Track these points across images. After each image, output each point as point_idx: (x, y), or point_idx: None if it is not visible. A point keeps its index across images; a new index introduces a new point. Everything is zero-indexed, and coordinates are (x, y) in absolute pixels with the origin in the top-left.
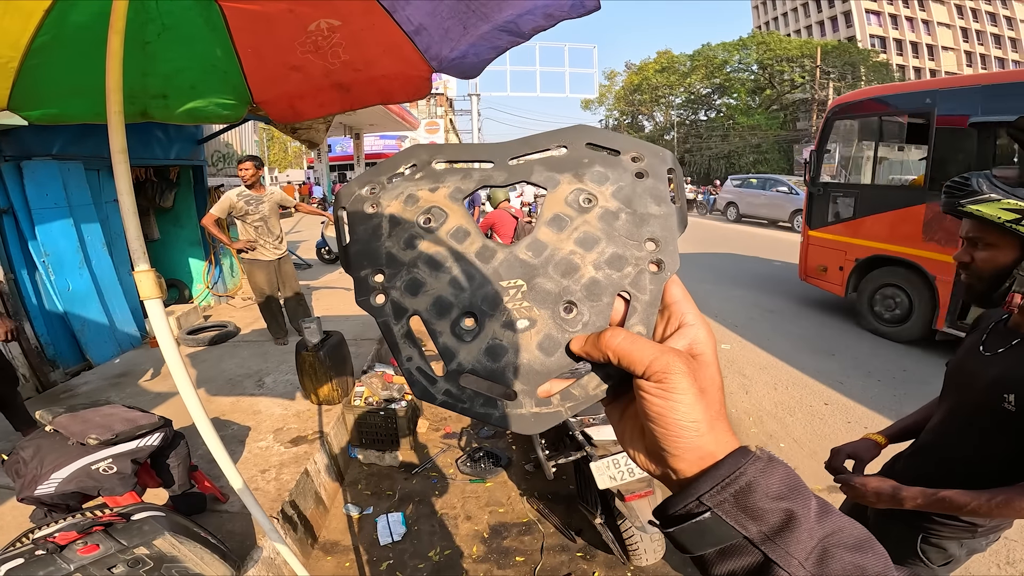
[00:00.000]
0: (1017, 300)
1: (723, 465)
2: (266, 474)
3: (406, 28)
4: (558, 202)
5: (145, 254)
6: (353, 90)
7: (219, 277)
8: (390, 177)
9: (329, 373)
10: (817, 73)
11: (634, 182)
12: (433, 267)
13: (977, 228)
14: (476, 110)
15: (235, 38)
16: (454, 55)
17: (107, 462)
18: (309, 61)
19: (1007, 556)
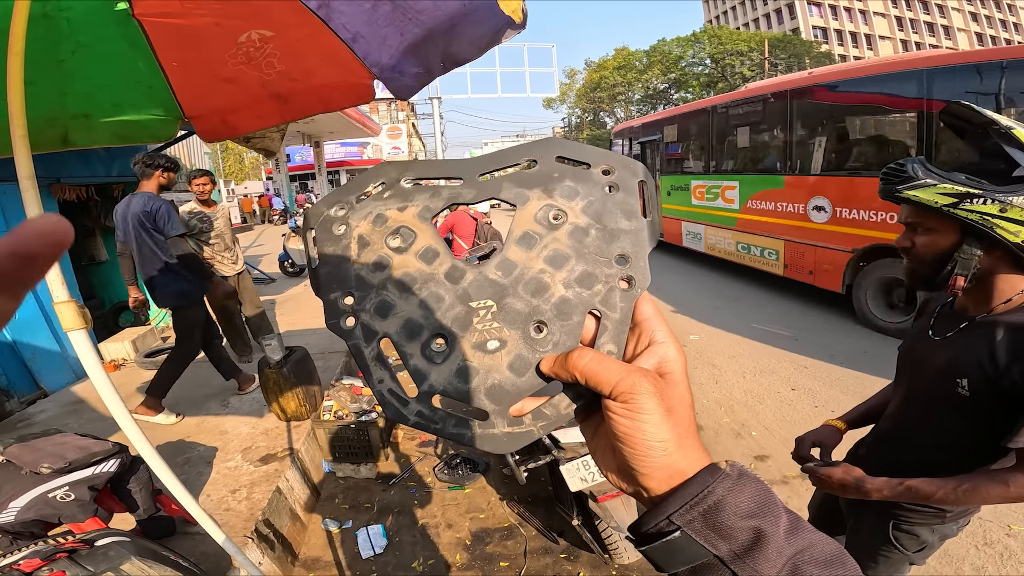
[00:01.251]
0: (960, 283)
1: (692, 483)
2: (236, 494)
3: (343, 36)
4: (527, 219)
5: (64, 284)
6: (292, 100)
7: None
8: (359, 196)
9: (295, 389)
10: (765, 66)
11: (604, 196)
12: (402, 289)
13: (915, 214)
14: (438, 113)
15: (158, 53)
16: (392, 62)
17: (64, 490)
18: (243, 72)
19: (984, 537)
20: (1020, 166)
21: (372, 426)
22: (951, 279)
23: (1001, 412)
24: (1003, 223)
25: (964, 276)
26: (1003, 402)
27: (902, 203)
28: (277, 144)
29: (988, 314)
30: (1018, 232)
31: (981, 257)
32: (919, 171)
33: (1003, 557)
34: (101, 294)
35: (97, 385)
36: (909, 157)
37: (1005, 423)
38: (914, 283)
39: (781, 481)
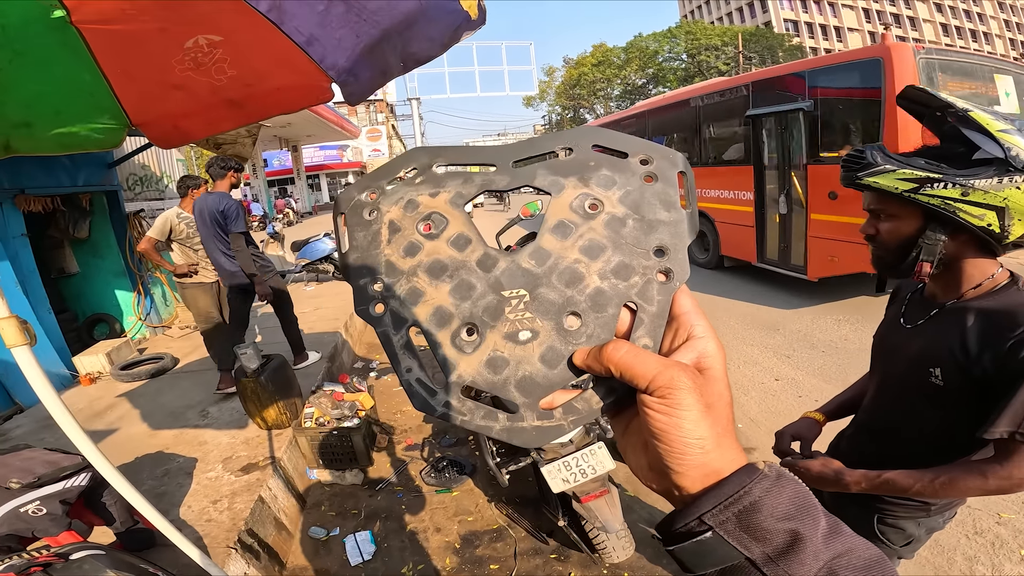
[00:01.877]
0: (926, 269)
1: (727, 483)
2: (218, 504)
3: (297, 39)
4: (563, 208)
5: (3, 298)
6: (247, 105)
7: (151, 308)
8: (390, 181)
9: (274, 397)
10: (740, 59)
11: (642, 186)
12: (433, 276)
13: (877, 200)
14: (417, 114)
15: (100, 60)
16: (349, 64)
17: (35, 504)
18: (191, 79)
19: (974, 526)
20: (979, 149)
21: (355, 432)
22: (917, 265)
23: (975, 401)
24: (966, 207)
25: (930, 262)
26: (976, 391)
27: (864, 190)
28: (249, 150)
29: (958, 300)
30: (982, 215)
31: (946, 242)
32: (878, 157)
33: (994, 546)
34: (74, 307)
35: (44, 400)
36: (868, 145)
37: (980, 412)
38: (881, 270)
39: None
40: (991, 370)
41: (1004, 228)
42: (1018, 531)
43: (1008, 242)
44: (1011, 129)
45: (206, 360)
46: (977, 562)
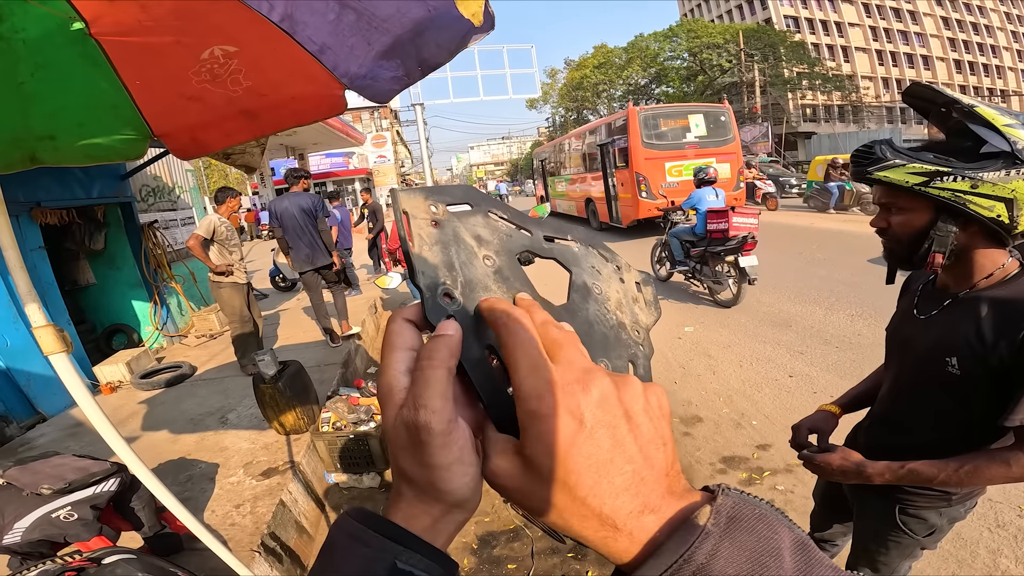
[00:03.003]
0: (939, 260)
1: (664, 552)
2: (240, 509)
3: (310, 48)
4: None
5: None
6: (262, 116)
7: (167, 317)
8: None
9: (291, 403)
10: (742, 56)
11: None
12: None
13: (888, 194)
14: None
15: (120, 71)
16: (363, 71)
17: (66, 510)
18: (207, 91)
19: (996, 519)
20: (987, 143)
21: (371, 436)
22: (929, 257)
23: (992, 390)
24: (976, 199)
25: (942, 253)
26: (993, 379)
27: (874, 184)
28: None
29: (971, 290)
30: (991, 207)
31: (957, 234)
32: (887, 152)
33: (1017, 539)
34: (92, 318)
35: (82, 406)
36: (876, 140)
37: (998, 401)
38: (893, 262)
39: (785, 469)
40: (1008, 358)
41: (1013, 219)
42: None
43: (1017, 232)
44: (1016, 124)
45: (223, 368)
46: (1000, 555)
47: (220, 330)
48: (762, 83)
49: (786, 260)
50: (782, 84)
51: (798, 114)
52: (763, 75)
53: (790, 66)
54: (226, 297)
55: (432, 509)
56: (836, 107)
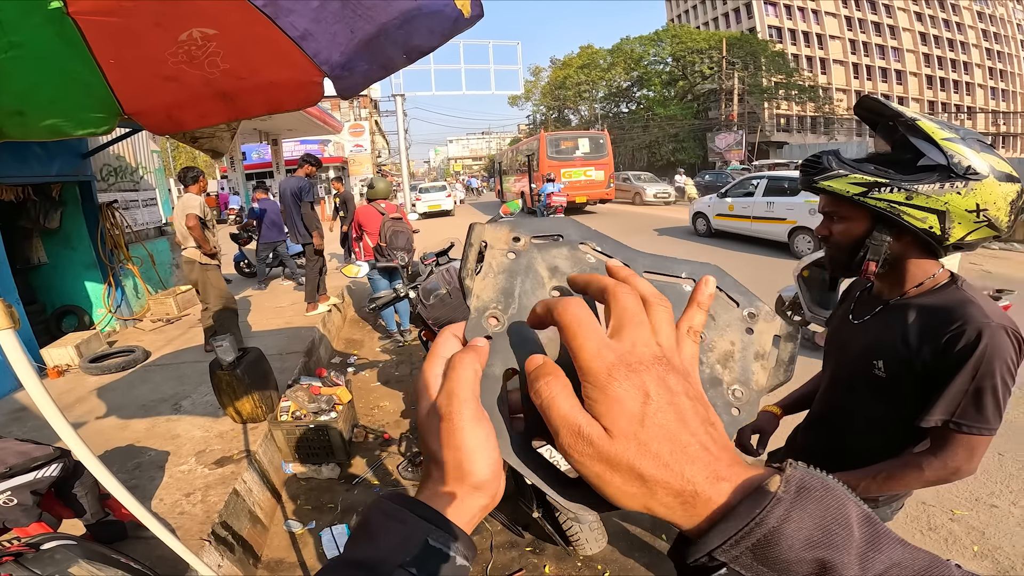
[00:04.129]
0: (872, 268)
1: (736, 515)
2: (191, 497)
3: (291, 34)
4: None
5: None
6: (238, 99)
7: (121, 300)
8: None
9: (249, 390)
10: (723, 64)
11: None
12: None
13: (831, 203)
14: (401, 111)
15: (95, 51)
16: (343, 60)
17: (6, 495)
18: (184, 71)
19: (928, 522)
20: (924, 156)
21: (332, 426)
22: (864, 264)
23: (917, 393)
24: (910, 210)
25: (875, 261)
26: (917, 383)
27: (819, 193)
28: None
29: (901, 297)
30: (924, 218)
31: (891, 243)
32: (833, 162)
33: (948, 542)
34: (43, 298)
35: (27, 386)
36: (824, 151)
37: (922, 404)
38: (834, 269)
39: None
40: (930, 362)
41: (945, 231)
42: (971, 528)
43: (949, 244)
44: (955, 138)
45: (180, 353)
46: None
47: (178, 314)
48: (740, 91)
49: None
50: (759, 93)
51: (772, 123)
52: (742, 83)
53: (769, 75)
54: (214, 279)
55: (458, 489)
56: (809, 118)
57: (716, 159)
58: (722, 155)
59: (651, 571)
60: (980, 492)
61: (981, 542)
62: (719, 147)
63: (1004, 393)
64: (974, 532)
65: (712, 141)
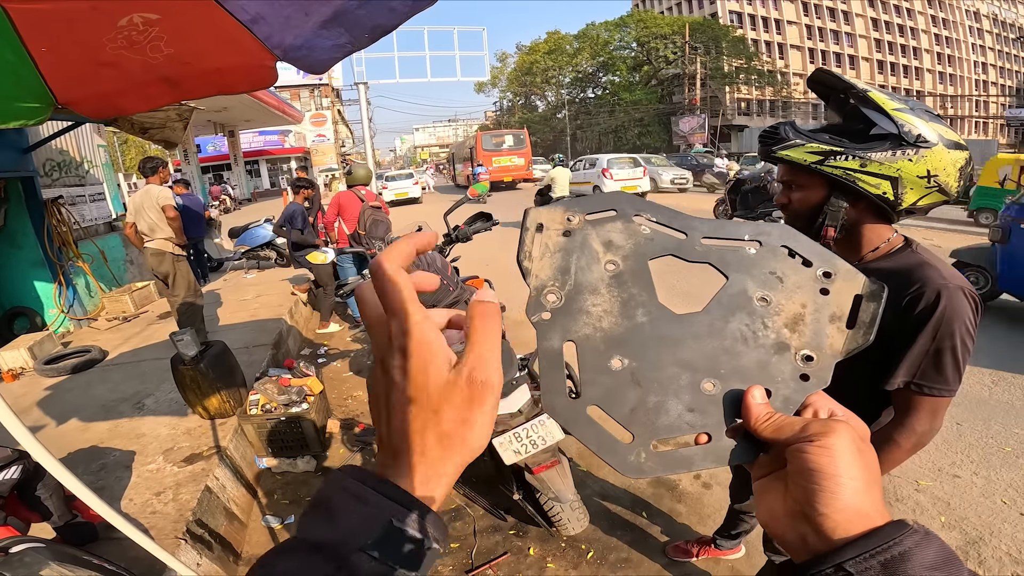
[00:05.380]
0: (831, 234)
1: (878, 533)
2: (161, 496)
3: (241, 18)
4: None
5: None
6: (183, 83)
7: (74, 299)
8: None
9: (215, 385)
10: (687, 49)
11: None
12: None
13: (789, 172)
14: (364, 99)
15: (26, 39)
16: (299, 42)
17: None
18: (124, 57)
19: (895, 493)
20: (876, 125)
21: (304, 418)
22: (823, 231)
23: (880, 356)
24: (864, 177)
25: (833, 227)
26: (880, 346)
27: (778, 163)
28: (179, 135)
29: (859, 262)
30: (878, 184)
31: (847, 209)
32: (789, 133)
33: (915, 512)
34: None
35: None
36: (781, 122)
37: (885, 369)
38: None
39: None
40: (892, 325)
41: (898, 196)
42: (937, 498)
43: (902, 208)
44: (904, 108)
45: (140, 351)
46: None
47: (135, 312)
48: (703, 76)
49: None
50: (721, 77)
51: (733, 107)
52: (704, 68)
53: (730, 60)
54: (184, 271)
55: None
56: (768, 102)
57: (680, 142)
58: (686, 138)
59: (633, 548)
60: (942, 462)
61: (947, 512)
62: (683, 131)
63: (964, 354)
64: (940, 503)
65: (676, 125)
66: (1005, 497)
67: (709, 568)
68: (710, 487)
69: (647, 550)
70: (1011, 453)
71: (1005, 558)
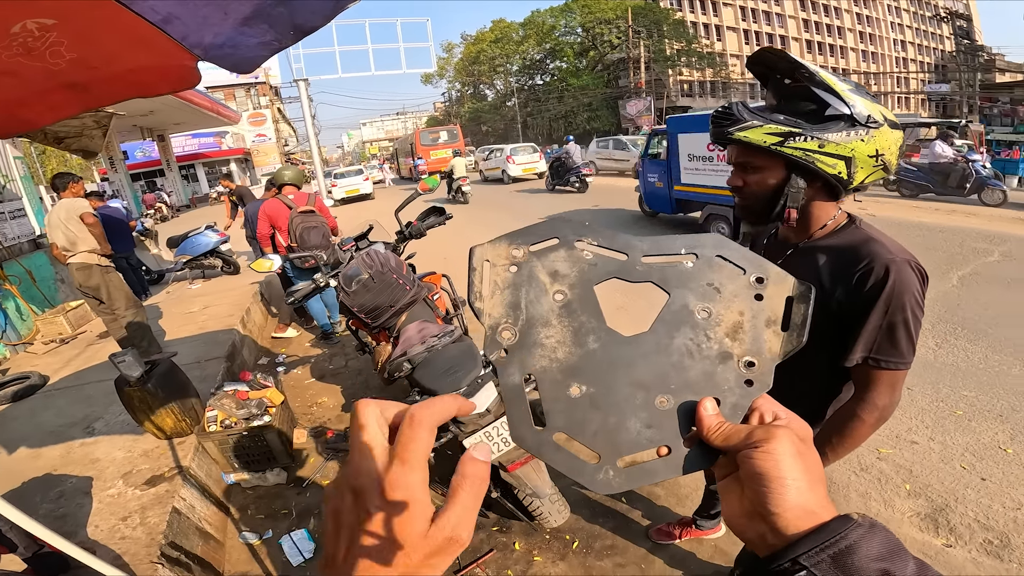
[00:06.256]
0: (794, 215)
1: (825, 529)
2: (128, 521)
3: (152, 19)
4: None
5: None
6: (93, 88)
7: (6, 324)
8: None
9: (167, 404)
10: (630, 33)
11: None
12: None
13: (745, 153)
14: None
15: None
16: (220, 40)
17: None
18: (22, 64)
19: (859, 463)
20: (829, 106)
21: (267, 430)
22: (786, 212)
23: (835, 334)
24: (823, 158)
25: (795, 208)
26: (835, 322)
27: (731, 144)
28: (99, 143)
29: (809, 240)
30: (834, 165)
31: (805, 190)
32: (744, 113)
33: (881, 482)
34: None
35: None
36: (732, 102)
37: (841, 345)
38: (749, 219)
39: None
40: (845, 302)
41: (851, 175)
42: (899, 466)
43: (852, 187)
44: (852, 89)
45: (80, 374)
46: (869, 498)
47: (72, 333)
48: (646, 59)
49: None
50: (664, 60)
51: (677, 89)
52: (648, 51)
53: (671, 43)
54: (117, 282)
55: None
56: (708, 83)
57: (628, 125)
58: (633, 121)
59: (618, 534)
60: (899, 429)
61: (911, 480)
62: (631, 114)
63: (915, 325)
64: (902, 470)
65: (624, 108)
66: (963, 462)
67: (693, 549)
68: None
69: (631, 535)
70: (963, 416)
71: (974, 524)
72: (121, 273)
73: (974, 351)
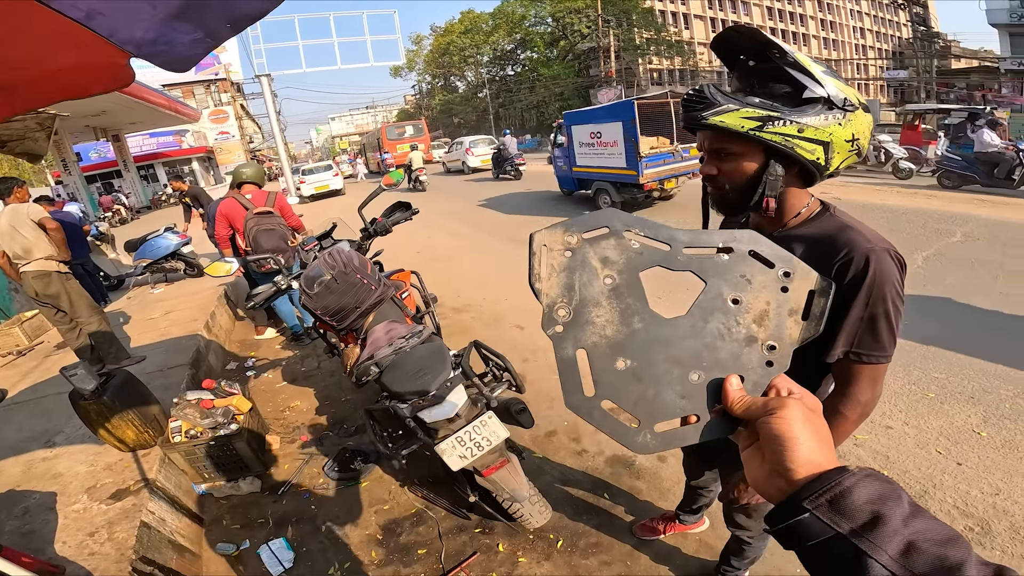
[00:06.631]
0: (772, 204)
1: (824, 477)
2: (96, 536)
3: (73, 15)
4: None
5: None
6: (20, 90)
7: None
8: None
9: (126, 416)
10: (599, 22)
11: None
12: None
13: (719, 139)
14: (269, 91)
15: None
16: (151, 36)
17: None
18: None
19: (839, 450)
20: (807, 88)
21: (236, 438)
22: (764, 201)
23: None
24: (802, 143)
25: (773, 196)
26: None
27: (703, 130)
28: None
29: (783, 229)
30: (813, 150)
31: (782, 176)
32: (719, 97)
33: None
34: None
35: None
36: (704, 84)
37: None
38: (725, 209)
39: None
40: None
41: (828, 160)
42: (876, 452)
43: (828, 173)
44: (826, 71)
45: (39, 387)
46: None
47: (29, 344)
48: (616, 48)
49: None
50: (633, 49)
51: (647, 78)
52: (618, 40)
53: (640, 32)
54: (78, 289)
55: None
56: (678, 71)
57: None
58: None
59: (602, 531)
60: (873, 414)
61: (888, 467)
62: (602, 103)
63: (896, 317)
64: (879, 456)
65: (595, 98)
66: (939, 446)
67: (678, 543)
68: (665, 460)
69: (615, 532)
70: (935, 399)
71: (953, 511)
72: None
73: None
